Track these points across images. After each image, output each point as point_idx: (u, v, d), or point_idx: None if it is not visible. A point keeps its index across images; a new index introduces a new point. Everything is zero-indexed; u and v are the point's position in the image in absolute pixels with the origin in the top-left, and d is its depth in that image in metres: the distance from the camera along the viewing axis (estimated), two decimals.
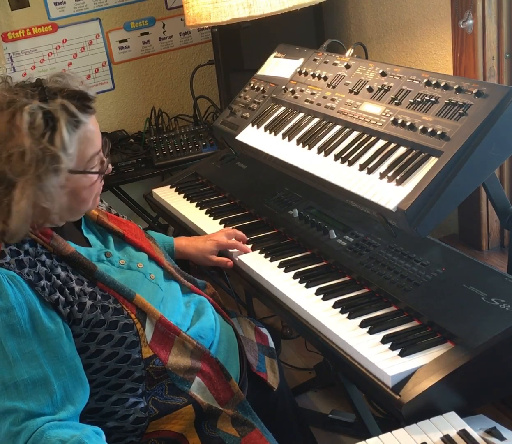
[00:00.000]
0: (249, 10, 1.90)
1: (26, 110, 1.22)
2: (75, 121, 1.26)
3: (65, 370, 1.23)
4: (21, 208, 1.22)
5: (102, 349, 1.31)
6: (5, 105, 1.23)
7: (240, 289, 2.52)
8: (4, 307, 1.20)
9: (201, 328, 1.50)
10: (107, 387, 1.34)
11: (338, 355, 1.36)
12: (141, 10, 2.94)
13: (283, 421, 1.73)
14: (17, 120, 1.21)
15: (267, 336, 1.78)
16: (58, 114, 1.24)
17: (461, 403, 1.27)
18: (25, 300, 1.22)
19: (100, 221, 1.51)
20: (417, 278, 1.45)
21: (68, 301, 1.28)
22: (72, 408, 1.23)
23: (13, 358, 1.19)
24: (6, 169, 1.21)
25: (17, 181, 1.21)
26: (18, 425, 1.16)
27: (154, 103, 3.06)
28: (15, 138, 1.21)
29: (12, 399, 1.18)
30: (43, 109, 1.23)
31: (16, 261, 1.25)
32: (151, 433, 1.38)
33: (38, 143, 1.21)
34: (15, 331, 1.20)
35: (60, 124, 1.24)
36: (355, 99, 1.72)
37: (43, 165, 1.22)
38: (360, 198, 1.49)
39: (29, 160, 1.21)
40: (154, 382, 1.38)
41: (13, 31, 2.74)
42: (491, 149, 1.37)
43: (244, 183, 2.12)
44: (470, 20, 1.86)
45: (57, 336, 1.24)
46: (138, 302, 1.37)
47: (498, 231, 2.13)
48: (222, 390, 1.44)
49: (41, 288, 1.24)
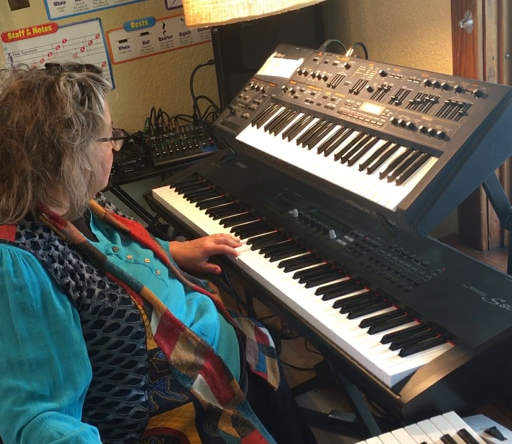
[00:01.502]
0: (249, 10, 1.90)
1: (62, 81, 1.31)
2: (102, 86, 1.38)
3: (70, 354, 1.25)
4: (75, 177, 1.31)
5: (108, 337, 1.33)
6: (39, 81, 1.31)
7: (240, 289, 2.52)
8: (18, 284, 1.22)
9: (203, 325, 1.52)
10: (111, 376, 1.36)
11: (338, 355, 1.36)
12: (141, 10, 2.94)
13: (284, 421, 1.73)
14: (56, 92, 1.30)
15: (267, 335, 1.78)
16: (89, 82, 1.34)
17: (461, 403, 1.27)
18: (39, 280, 1.24)
19: (107, 218, 1.54)
20: (417, 278, 1.45)
21: (78, 286, 1.30)
22: (73, 393, 1.24)
23: (21, 337, 1.21)
24: (54, 140, 1.28)
25: (65, 150, 1.29)
26: (19, 406, 1.18)
27: (154, 103, 3.06)
28: (58, 108, 1.29)
29: (15, 377, 1.19)
30: (75, 78, 1.33)
31: (31, 242, 1.28)
32: (151, 430, 1.39)
33: (81, 108, 1.31)
34: (26, 310, 1.22)
35: (94, 90, 1.35)
36: (355, 99, 1.72)
37: (88, 129, 1.32)
38: (360, 198, 1.49)
39: (76, 126, 1.29)
40: (157, 376, 1.39)
41: (13, 31, 2.74)
42: (491, 149, 1.37)
43: (244, 183, 2.12)
44: (470, 20, 1.86)
45: (66, 319, 1.26)
46: (146, 294, 1.39)
47: (498, 231, 2.13)
48: (223, 390, 1.45)
49: (54, 270, 1.27)
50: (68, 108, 1.29)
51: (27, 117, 1.29)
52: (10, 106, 1.31)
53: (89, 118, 1.32)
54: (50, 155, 1.29)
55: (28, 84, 1.31)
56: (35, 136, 1.28)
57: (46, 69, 1.37)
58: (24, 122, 1.28)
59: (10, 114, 1.30)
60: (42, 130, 1.28)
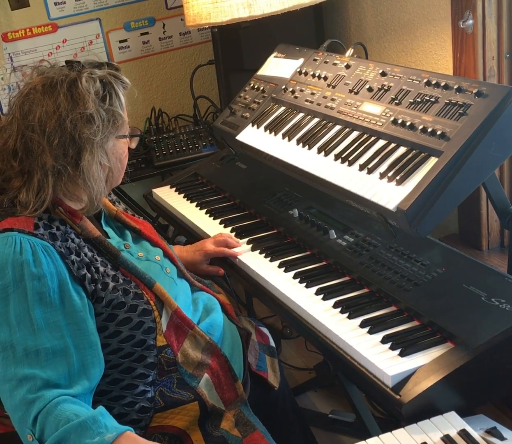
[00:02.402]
0: (249, 10, 1.90)
1: (84, 78, 1.32)
2: (122, 83, 1.39)
3: (85, 345, 1.26)
4: (94, 172, 1.32)
5: (120, 331, 1.34)
6: (61, 77, 1.32)
7: (240, 289, 2.52)
8: (37, 274, 1.23)
9: (210, 324, 1.53)
10: (120, 370, 1.37)
11: (338, 355, 1.36)
12: (141, 10, 2.93)
13: (284, 421, 1.73)
14: (78, 88, 1.31)
15: (267, 335, 1.78)
16: (109, 79, 1.36)
17: (461, 403, 1.27)
18: (57, 270, 1.26)
19: (118, 216, 1.56)
20: (417, 278, 1.45)
21: (94, 279, 1.31)
22: (87, 383, 1.25)
23: (38, 326, 1.22)
24: (75, 135, 1.29)
25: (86, 145, 1.30)
26: (34, 393, 1.18)
27: (154, 103, 3.06)
28: (80, 104, 1.30)
29: (31, 366, 1.20)
30: (97, 75, 1.35)
31: (50, 233, 1.30)
32: (155, 427, 1.40)
33: (102, 105, 1.32)
34: (44, 299, 1.23)
35: (115, 87, 1.37)
36: (355, 99, 1.72)
37: (108, 125, 1.33)
38: (360, 198, 1.49)
39: (97, 122, 1.31)
40: (164, 372, 1.40)
41: (13, 31, 2.74)
42: (491, 149, 1.37)
43: (244, 183, 2.12)
44: (470, 20, 1.86)
45: (82, 310, 1.27)
46: (157, 290, 1.40)
47: (498, 231, 2.12)
48: (228, 390, 1.45)
49: (71, 262, 1.29)
50: (90, 104, 1.30)
51: (49, 112, 1.30)
52: (32, 101, 1.32)
53: (110, 115, 1.34)
54: (71, 150, 1.30)
55: (50, 80, 1.33)
56: (57, 131, 1.29)
57: (67, 66, 1.38)
58: (46, 117, 1.29)
59: (31, 109, 1.31)
60: (64, 125, 1.29)
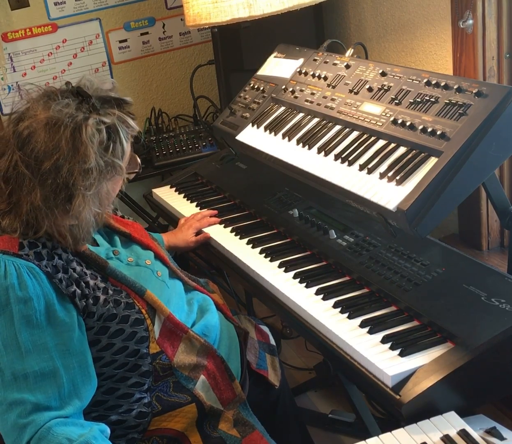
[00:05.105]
0: (249, 10, 1.90)
1: (90, 125, 1.25)
2: (130, 130, 1.33)
3: (75, 364, 1.25)
4: (84, 216, 1.28)
5: (113, 343, 1.33)
6: (67, 120, 1.25)
7: (240, 289, 2.52)
8: (23, 297, 1.22)
9: (205, 325, 1.52)
10: (114, 380, 1.36)
11: (338, 355, 1.36)
12: (141, 10, 2.93)
13: (283, 420, 1.73)
14: (82, 136, 1.24)
15: (267, 333, 1.79)
16: (118, 126, 1.29)
17: (461, 403, 1.27)
18: (43, 292, 1.24)
19: (106, 222, 1.53)
20: (417, 278, 1.45)
21: (84, 294, 1.30)
22: (78, 403, 1.24)
23: (25, 349, 1.21)
24: (69, 182, 1.24)
25: (78, 193, 1.26)
26: (25, 418, 1.17)
27: (154, 103, 3.06)
28: (80, 152, 1.24)
29: (20, 390, 1.19)
30: (105, 124, 1.27)
31: (35, 253, 1.27)
32: (153, 430, 1.39)
33: (102, 156, 1.26)
34: (30, 322, 1.22)
35: (121, 136, 1.30)
36: (355, 99, 1.72)
37: (106, 176, 1.28)
38: (360, 198, 1.49)
39: (94, 174, 1.26)
40: (159, 378, 1.39)
41: (13, 31, 2.74)
42: (491, 149, 1.37)
43: (244, 183, 2.12)
44: (470, 20, 1.86)
45: (70, 329, 1.26)
46: (149, 298, 1.39)
47: (498, 231, 2.12)
48: (225, 391, 1.45)
49: (59, 280, 1.26)
50: (91, 157, 1.24)
51: (47, 153, 1.24)
52: (32, 131, 1.25)
53: (110, 166, 1.29)
54: (62, 193, 1.26)
55: (56, 120, 1.25)
56: (51, 172, 1.24)
57: (76, 97, 1.30)
58: (43, 157, 1.24)
59: (30, 141, 1.25)
60: (59, 170, 1.24)
